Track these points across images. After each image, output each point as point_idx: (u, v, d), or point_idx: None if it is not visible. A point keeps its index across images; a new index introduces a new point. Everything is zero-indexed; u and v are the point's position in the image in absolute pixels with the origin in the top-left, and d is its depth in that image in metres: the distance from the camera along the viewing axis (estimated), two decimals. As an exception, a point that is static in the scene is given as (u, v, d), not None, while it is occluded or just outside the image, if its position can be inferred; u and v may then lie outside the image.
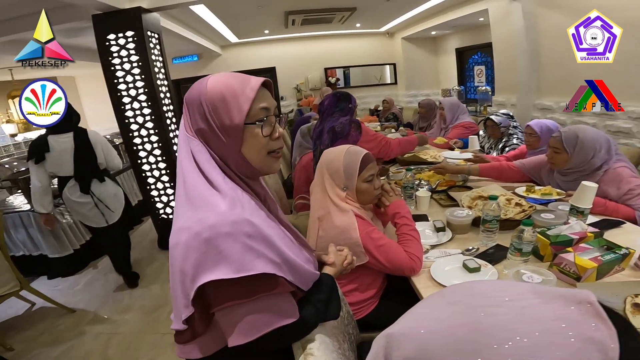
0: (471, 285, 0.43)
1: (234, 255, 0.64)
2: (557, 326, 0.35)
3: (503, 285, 0.41)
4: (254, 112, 0.72)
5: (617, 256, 1.10)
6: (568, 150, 1.65)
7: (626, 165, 1.60)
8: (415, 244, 1.28)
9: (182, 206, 0.69)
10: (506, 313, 0.37)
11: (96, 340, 2.24)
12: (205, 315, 0.70)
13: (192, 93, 0.73)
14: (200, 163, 0.71)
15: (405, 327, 0.41)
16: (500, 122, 2.63)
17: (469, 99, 6.20)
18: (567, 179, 1.73)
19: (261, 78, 0.76)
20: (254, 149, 0.74)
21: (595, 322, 0.35)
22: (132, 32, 2.77)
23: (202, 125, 0.72)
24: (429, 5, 5.10)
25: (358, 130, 1.97)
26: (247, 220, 0.66)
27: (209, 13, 4.60)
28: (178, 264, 0.66)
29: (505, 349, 0.34)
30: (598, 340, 0.34)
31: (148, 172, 3.11)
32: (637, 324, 0.84)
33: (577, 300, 0.37)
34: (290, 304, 0.74)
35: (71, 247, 3.09)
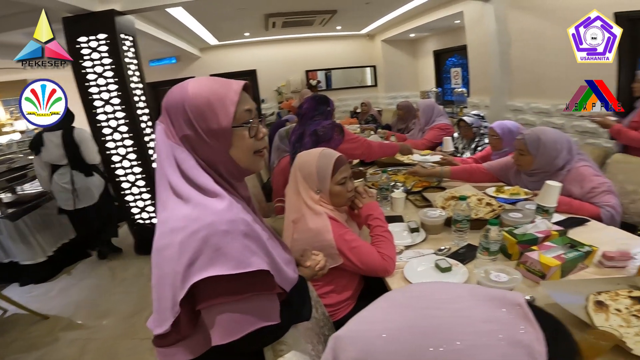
0: (414, 287, 0.44)
1: (232, 252, 0.65)
2: (487, 329, 0.35)
3: (443, 287, 0.42)
4: (239, 114, 0.73)
5: (579, 254, 1.14)
6: (532, 152, 1.70)
7: (588, 164, 1.66)
8: (388, 245, 1.29)
9: (171, 209, 0.69)
10: (441, 315, 0.37)
11: (71, 346, 2.20)
12: (192, 316, 0.70)
13: (173, 99, 0.72)
14: (187, 171, 0.71)
15: (351, 330, 0.41)
16: (472, 123, 2.69)
17: (446, 100, 6.33)
18: (534, 180, 1.78)
19: (241, 81, 0.76)
20: (241, 150, 0.75)
21: (524, 325, 0.36)
22: (104, 35, 2.72)
23: (187, 131, 0.71)
24: (408, 7, 5.19)
25: (341, 134, 2.00)
26: (243, 219, 0.68)
27: (187, 15, 4.54)
28: (169, 264, 0.66)
29: (440, 352, 0.34)
30: (526, 344, 0.35)
31: (122, 177, 3.04)
32: (599, 322, 0.87)
33: (507, 302, 0.38)
34: (275, 305, 0.75)
35: (44, 254, 3.03)
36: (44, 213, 3.12)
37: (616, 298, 0.94)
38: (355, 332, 0.40)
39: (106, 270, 3.15)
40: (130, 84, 2.88)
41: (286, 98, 7.17)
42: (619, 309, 0.90)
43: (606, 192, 1.55)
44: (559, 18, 3.41)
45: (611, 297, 0.94)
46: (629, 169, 1.96)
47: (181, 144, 0.72)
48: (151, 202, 3.17)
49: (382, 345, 0.37)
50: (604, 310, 0.90)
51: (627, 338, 0.81)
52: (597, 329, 0.83)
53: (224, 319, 0.67)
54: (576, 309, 0.91)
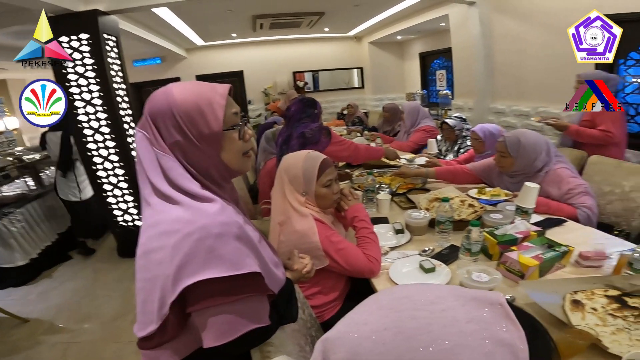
0: (398, 289, 0.45)
1: (226, 255, 0.65)
2: (471, 328, 0.36)
3: (426, 289, 0.43)
4: (228, 118, 0.74)
5: (557, 254, 1.18)
6: (512, 154, 1.74)
7: (566, 166, 1.71)
8: (373, 247, 1.31)
9: (160, 213, 0.68)
10: (426, 317, 0.38)
11: (53, 350, 2.16)
12: (180, 319, 0.69)
13: (158, 105, 0.71)
14: (175, 179, 0.70)
15: (340, 331, 0.41)
16: (455, 126, 2.74)
17: (431, 102, 6.41)
18: (514, 181, 1.82)
19: (226, 85, 0.76)
20: (232, 153, 0.76)
21: (505, 324, 0.37)
22: (86, 35, 2.67)
23: (177, 137, 0.70)
24: (395, 10, 5.24)
25: (328, 137, 2.01)
26: (236, 221, 0.69)
27: (173, 16, 4.48)
28: (158, 267, 0.65)
29: (429, 352, 0.35)
30: (508, 343, 0.36)
31: (104, 179, 2.99)
32: (575, 321, 0.89)
33: (488, 301, 0.39)
34: (265, 307, 0.75)
35: (24, 257, 2.97)
36: (24, 215, 3.04)
37: (592, 297, 0.97)
38: (343, 334, 0.41)
39: (88, 273, 3.08)
40: (113, 85, 2.83)
41: (273, 99, 7.15)
42: (595, 307, 0.93)
43: (583, 194, 1.60)
44: (540, 23, 3.51)
45: (587, 296, 0.97)
46: (605, 170, 2.03)
47: (168, 152, 0.71)
48: (134, 204, 3.12)
49: (371, 346, 0.37)
50: (580, 309, 0.93)
51: (604, 337, 0.83)
52: (574, 327, 0.85)
53: (217, 321, 0.67)
54: (553, 308, 0.94)
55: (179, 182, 0.70)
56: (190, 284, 0.63)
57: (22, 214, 3.02)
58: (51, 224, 3.38)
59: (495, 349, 0.35)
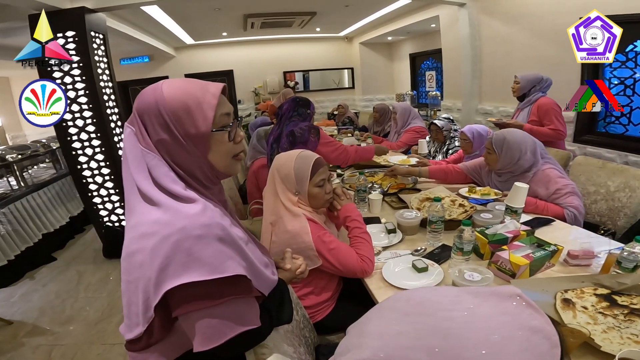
0: (406, 294, 0.44)
1: (206, 258, 0.63)
2: (505, 320, 0.38)
3: (437, 291, 0.43)
4: (218, 118, 0.71)
5: (546, 253, 1.19)
6: (497, 151, 1.78)
7: (554, 167, 1.74)
8: (366, 246, 1.31)
9: (141, 214, 0.66)
10: (461, 316, 0.38)
11: (37, 352, 2.12)
12: (166, 321, 0.68)
13: (147, 102, 0.69)
14: (158, 178, 0.68)
15: (375, 348, 0.40)
16: (443, 126, 2.76)
17: (421, 103, 6.47)
18: (502, 180, 1.86)
19: (219, 84, 0.74)
20: (220, 154, 0.73)
21: (530, 312, 0.39)
22: (72, 32, 2.61)
23: (163, 135, 0.68)
24: (386, 11, 5.27)
25: (317, 137, 2.00)
26: (218, 223, 0.66)
27: (162, 14, 4.41)
28: (140, 270, 0.63)
29: (484, 348, 0.36)
30: (538, 328, 0.38)
31: (90, 179, 2.92)
32: (567, 319, 0.90)
33: (507, 295, 0.41)
34: (254, 309, 0.74)
35: (4, 258, 2.87)
36: (5, 215, 2.95)
37: (582, 296, 0.98)
38: (381, 350, 0.39)
39: (72, 275, 3.01)
40: (99, 83, 2.77)
41: (263, 99, 7.11)
42: (585, 306, 0.94)
43: (570, 194, 1.63)
44: (527, 25, 3.56)
45: (577, 295, 0.99)
46: (590, 170, 2.07)
47: (154, 149, 0.69)
48: (120, 205, 3.06)
49: (424, 356, 0.37)
50: (571, 308, 0.94)
51: (595, 335, 0.84)
52: (566, 326, 0.86)
53: (203, 325, 0.66)
54: (545, 307, 0.95)
55: (161, 181, 0.68)
56: (173, 287, 0.62)
57: (3, 214, 2.92)
58: (35, 224, 3.28)
59: (531, 336, 0.37)
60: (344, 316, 1.38)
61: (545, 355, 0.37)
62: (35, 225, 3.28)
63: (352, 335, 0.45)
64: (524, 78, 2.61)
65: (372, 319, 0.44)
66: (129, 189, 0.70)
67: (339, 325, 1.38)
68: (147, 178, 0.68)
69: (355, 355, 0.40)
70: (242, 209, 2.47)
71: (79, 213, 3.93)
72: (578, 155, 2.21)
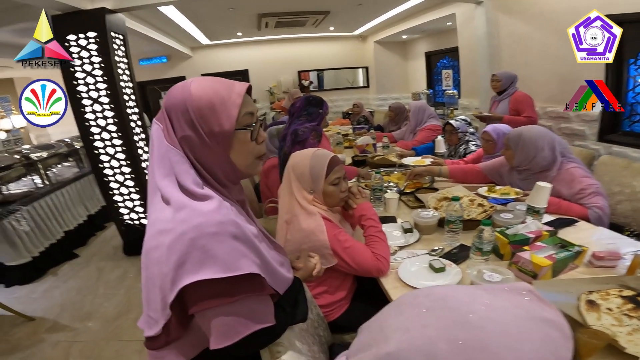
0: (426, 291, 0.46)
1: (220, 255, 0.63)
2: (520, 313, 0.39)
3: (454, 288, 0.45)
4: (242, 117, 0.72)
5: (570, 254, 1.16)
6: (512, 147, 1.74)
7: (578, 166, 1.68)
8: (381, 245, 1.29)
9: (160, 211, 0.68)
10: (480, 310, 0.40)
11: (55, 349, 2.16)
12: (183, 319, 0.69)
13: (175, 99, 0.71)
14: (179, 174, 0.69)
15: (401, 341, 0.41)
16: (459, 128, 2.68)
17: (437, 102, 6.38)
18: (522, 177, 1.80)
19: (245, 83, 0.75)
20: (242, 154, 0.74)
21: (541, 305, 0.41)
22: (94, 33, 2.67)
23: (188, 132, 0.70)
24: (401, 9, 5.22)
25: (317, 139, 1.97)
26: (233, 220, 0.67)
27: (178, 14, 4.49)
28: (157, 267, 0.64)
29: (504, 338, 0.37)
30: (551, 319, 0.39)
31: (111, 177, 2.99)
32: (591, 321, 0.87)
33: (519, 290, 0.43)
34: (269, 307, 0.74)
35: (29, 255, 2.97)
36: (30, 213, 3.05)
37: (607, 297, 0.95)
38: (408, 343, 0.40)
39: (92, 272, 3.09)
40: (120, 83, 2.83)
41: (278, 98, 7.15)
42: (610, 308, 0.91)
43: (595, 194, 1.58)
44: (546, 22, 3.47)
45: (602, 297, 0.95)
46: (614, 170, 2.00)
47: (178, 146, 0.71)
48: (140, 203, 3.12)
49: (448, 347, 0.38)
50: (596, 310, 0.91)
51: (620, 337, 0.82)
52: (590, 328, 0.84)
53: (218, 322, 0.66)
54: (568, 309, 0.92)
55: (181, 177, 0.69)
56: (187, 284, 0.62)
57: (28, 212, 3.03)
58: (58, 222, 3.39)
59: (544, 327, 0.39)
60: (358, 316, 1.36)
61: (560, 346, 0.39)
62: (57, 223, 3.38)
63: (371, 331, 0.46)
64: (503, 75, 3.12)
65: (391, 314, 0.45)
66: (152, 185, 0.71)
67: (353, 325, 1.35)
68: (169, 174, 0.69)
69: (382, 349, 0.41)
70: (257, 208, 2.49)
71: (97, 211, 4.04)
72: (602, 155, 2.14)
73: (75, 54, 2.66)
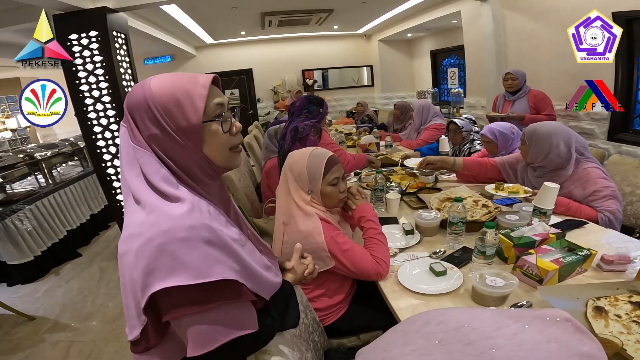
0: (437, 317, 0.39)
1: (191, 262, 0.60)
2: (554, 348, 0.34)
3: (473, 314, 0.39)
4: (210, 109, 0.69)
5: (578, 257, 1.11)
6: (527, 142, 1.68)
7: (596, 166, 1.59)
8: (381, 248, 1.26)
9: (131, 214, 0.65)
10: (506, 345, 0.34)
11: (55, 349, 2.16)
12: (159, 325, 0.66)
13: (135, 97, 0.67)
14: (148, 175, 0.66)
15: None
16: (463, 126, 2.61)
17: (443, 101, 6.31)
18: (536, 175, 1.73)
19: (209, 75, 0.72)
20: (215, 147, 0.71)
21: (579, 337, 0.35)
22: (95, 32, 2.66)
23: (154, 130, 0.66)
24: (405, 7, 5.16)
25: (317, 135, 1.95)
26: (206, 225, 0.63)
27: (181, 13, 4.48)
28: (128, 272, 0.62)
29: None
30: (590, 354, 0.34)
31: (113, 176, 2.99)
32: (598, 329, 0.83)
33: (553, 319, 0.37)
34: (249, 313, 0.71)
35: (31, 254, 2.97)
36: (33, 212, 3.06)
37: (616, 303, 0.91)
38: None
39: (95, 271, 3.09)
40: (122, 82, 2.82)
41: (282, 97, 7.13)
42: (618, 314, 0.88)
43: (608, 197, 1.51)
44: (554, 19, 3.39)
45: (610, 303, 0.92)
46: (625, 170, 1.94)
47: (145, 146, 0.67)
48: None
49: None
50: (604, 317, 0.87)
51: (628, 345, 0.78)
52: (598, 336, 0.80)
53: (194, 330, 0.64)
54: (575, 316, 0.87)
55: (151, 177, 0.66)
56: (157, 291, 0.60)
57: (31, 211, 3.04)
58: (61, 221, 3.40)
59: None
60: (356, 319, 1.34)
61: None
62: (60, 222, 3.39)
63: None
64: (519, 73, 2.94)
65: (395, 345, 0.39)
66: (124, 187, 0.68)
67: (352, 329, 1.34)
68: (138, 175, 0.66)
69: None
70: (258, 208, 2.46)
71: (100, 210, 4.04)
72: (613, 154, 2.08)
73: (77, 53, 2.66)
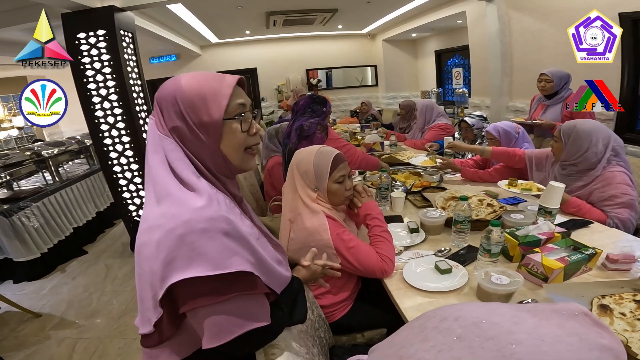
0: (453, 313, 0.39)
1: (210, 253, 0.62)
2: (575, 341, 0.34)
3: (489, 310, 0.38)
4: (232, 108, 0.72)
5: (583, 256, 1.11)
6: (564, 139, 1.63)
7: (624, 170, 1.55)
8: (386, 245, 1.27)
9: (151, 206, 0.67)
10: (527, 339, 0.34)
11: (61, 345, 2.18)
12: (174, 317, 0.67)
13: (165, 91, 0.71)
14: (172, 162, 0.69)
15: None
16: (474, 124, 2.64)
17: (447, 100, 6.30)
18: (564, 173, 1.70)
19: (236, 76, 0.75)
20: (232, 145, 0.73)
21: (597, 330, 0.36)
22: (103, 31, 2.69)
23: (178, 123, 0.70)
24: (410, 7, 5.16)
25: (323, 133, 1.96)
26: (225, 217, 0.65)
27: (187, 13, 4.51)
28: (147, 263, 0.63)
29: None
30: (610, 347, 0.34)
31: (119, 174, 3.01)
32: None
33: (571, 313, 0.37)
34: (263, 306, 0.72)
35: (37, 251, 3.00)
36: (40, 209, 3.10)
37: (620, 302, 0.92)
38: None
39: (100, 269, 3.12)
40: (129, 81, 2.85)
41: (286, 97, 7.15)
42: (623, 312, 0.88)
43: (623, 205, 1.48)
44: (559, 19, 3.38)
45: (615, 301, 0.92)
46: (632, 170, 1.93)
47: (170, 136, 0.71)
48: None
49: None
50: (608, 314, 0.88)
51: (632, 343, 0.79)
52: None
53: (210, 322, 0.65)
54: (579, 313, 0.89)
55: (175, 165, 0.69)
56: (176, 282, 0.61)
57: (38, 208, 3.07)
58: (67, 218, 3.43)
59: (601, 355, 0.34)
60: (361, 316, 1.35)
61: None
62: (67, 220, 3.42)
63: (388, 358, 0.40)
64: (555, 75, 2.59)
65: (413, 341, 0.38)
66: (147, 178, 0.71)
67: (356, 326, 1.35)
68: (162, 162, 0.69)
69: None
70: (263, 206, 2.48)
71: (106, 207, 4.07)
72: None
73: (85, 52, 2.68)
